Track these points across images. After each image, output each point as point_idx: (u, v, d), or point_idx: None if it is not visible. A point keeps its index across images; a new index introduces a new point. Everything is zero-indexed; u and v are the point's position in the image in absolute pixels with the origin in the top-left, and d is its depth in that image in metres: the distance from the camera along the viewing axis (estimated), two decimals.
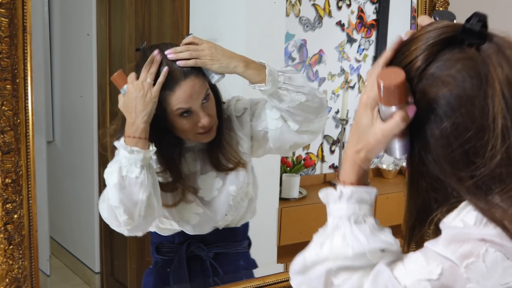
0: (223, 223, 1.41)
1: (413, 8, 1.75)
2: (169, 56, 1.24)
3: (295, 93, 1.28)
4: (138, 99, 1.19)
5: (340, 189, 0.81)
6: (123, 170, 1.19)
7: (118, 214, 1.22)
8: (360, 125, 0.79)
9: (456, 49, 0.73)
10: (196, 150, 1.36)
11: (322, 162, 1.97)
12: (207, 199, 1.36)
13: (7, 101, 1.09)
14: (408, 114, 0.74)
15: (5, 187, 1.11)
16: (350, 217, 0.79)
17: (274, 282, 1.47)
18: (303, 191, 1.88)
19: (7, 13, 1.06)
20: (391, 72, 0.74)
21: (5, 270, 1.12)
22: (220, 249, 1.43)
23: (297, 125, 1.32)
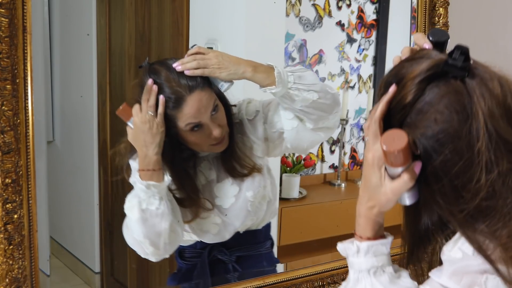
0: (243, 228, 1.41)
1: (413, 8, 1.75)
2: (177, 68, 1.21)
3: (306, 92, 1.26)
4: (146, 133, 1.18)
5: (357, 244, 0.85)
6: (142, 203, 1.20)
7: (144, 247, 1.24)
8: (370, 184, 0.82)
9: (441, 82, 0.74)
10: (210, 159, 1.36)
11: (322, 162, 1.97)
12: (225, 207, 1.36)
13: (7, 101, 1.09)
14: (415, 171, 0.76)
15: (5, 187, 1.11)
16: (369, 270, 0.84)
17: (274, 282, 1.47)
18: (303, 191, 1.88)
19: (7, 13, 1.06)
20: (394, 136, 0.76)
21: (5, 270, 1.12)
22: (243, 252, 1.44)
23: (312, 123, 1.31)
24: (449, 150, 0.72)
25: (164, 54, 1.65)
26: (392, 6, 2.00)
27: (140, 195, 1.20)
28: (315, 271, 1.53)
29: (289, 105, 1.28)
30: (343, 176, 1.99)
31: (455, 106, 0.72)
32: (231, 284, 1.43)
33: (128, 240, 1.27)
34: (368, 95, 2.01)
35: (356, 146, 2.04)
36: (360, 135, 2.04)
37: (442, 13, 1.68)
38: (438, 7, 1.67)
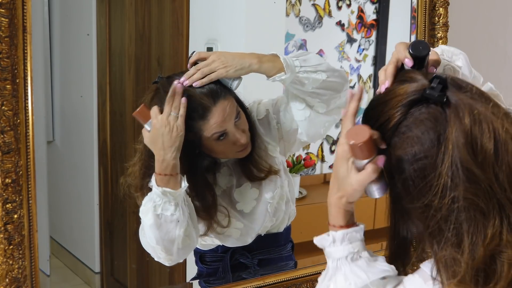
0: (264, 230, 1.40)
1: (413, 8, 1.76)
2: (184, 83, 1.19)
3: (314, 73, 1.26)
4: (165, 135, 1.15)
5: (332, 234, 0.90)
6: (157, 208, 1.18)
7: (158, 252, 1.22)
8: (338, 175, 0.90)
9: (423, 107, 0.79)
10: (230, 164, 1.36)
11: (322, 162, 1.97)
12: (246, 211, 1.35)
13: (7, 101, 1.09)
14: (378, 164, 0.83)
15: (5, 187, 1.11)
16: (347, 257, 0.88)
17: (274, 282, 1.47)
18: (303, 191, 1.87)
19: (7, 13, 1.06)
20: (358, 130, 0.83)
21: (5, 270, 1.12)
22: (264, 255, 1.43)
23: (325, 105, 1.31)
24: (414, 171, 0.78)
25: (164, 54, 1.65)
26: (392, 6, 2.00)
27: (156, 200, 1.18)
28: (315, 271, 1.53)
29: (300, 90, 1.27)
30: None
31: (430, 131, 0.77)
32: (231, 284, 1.43)
33: (143, 243, 1.25)
34: (368, 95, 2.01)
35: None
36: None
37: (442, 13, 1.68)
38: (438, 7, 1.68)
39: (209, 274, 1.43)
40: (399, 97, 0.82)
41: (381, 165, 0.82)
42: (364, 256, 0.88)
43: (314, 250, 0.92)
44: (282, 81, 1.26)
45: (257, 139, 1.35)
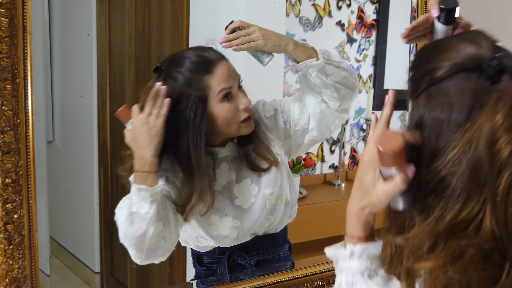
0: (261, 229, 1.40)
1: (413, 8, 1.76)
2: (222, 44, 1.26)
3: (337, 68, 1.32)
4: (144, 134, 1.18)
5: (350, 248, 0.85)
6: (133, 206, 1.19)
7: (127, 247, 1.22)
8: (363, 183, 0.84)
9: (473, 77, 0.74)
10: (230, 160, 1.35)
11: (322, 162, 1.97)
12: (245, 207, 1.35)
13: (7, 101, 1.09)
14: (408, 175, 0.77)
15: (5, 187, 1.11)
16: (363, 273, 0.84)
17: (274, 282, 1.47)
18: (303, 191, 1.88)
19: (7, 13, 1.06)
20: (391, 137, 0.77)
21: (5, 270, 1.12)
22: (262, 256, 1.43)
23: (338, 102, 1.35)
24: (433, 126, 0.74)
25: (164, 54, 1.65)
26: (392, 6, 2.00)
27: (133, 197, 1.19)
28: (315, 271, 1.53)
29: (323, 80, 1.31)
30: (343, 176, 2.00)
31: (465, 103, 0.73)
32: (231, 284, 1.43)
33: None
34: (368, 95, 2.01)
35: (356, 146, 2.04)
36: (360, 135, 2.04)
37: None
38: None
39: (207, 276, 1.43)
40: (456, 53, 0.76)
41: (411, 175, 0.77)
42: (380, 274, 0.84)
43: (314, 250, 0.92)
44: (310, 67, 1.30)
45: (260, 135, 1.36)
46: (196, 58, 1.25)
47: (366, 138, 2.05)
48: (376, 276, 0.84)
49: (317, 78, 1.31)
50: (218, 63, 1.24)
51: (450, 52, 0.77)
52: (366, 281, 0.83)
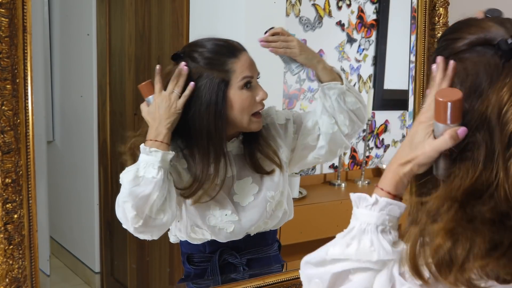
0: (256, 230, 1.41)
1: (413, 8, 1.76)
2: (261, 44, 1.36)
3: (355, 98, 1.41)
4: (163, 109, 1.23)
5: (376, 197, 0.85)
6: (140, 170, 1.20)
7: (126, 209, 1.20)
8: (413, 141, 0.84)
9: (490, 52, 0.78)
10: (232, 155, 1.36)
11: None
12: (243, 204, 1.36)
13: (7, 101, 1.09)
14: (459, 134, 0.78)
15: (5, 187, 1.11)
16: (378, 226, 0.84)
17: (274, 282, 1.47)
18: (303, 191, 1.88)
19: (7, 13, 1.06)
20: (449, 91, 0.79)
21: (5, 270, 1.12)
22: (252, 254, 1.43)
23: (347, 130, 1.41)
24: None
25: (164, 54, 1.65)
26: (392, 6, 2.00)
27: (141, 163, 1.20)
28: None
29: (340, 105, 1.38)
30: (343, 176, 2.00)
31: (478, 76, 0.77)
32: (231, 284, 1.43)
33: (117, 212, 1.24)
34: (368, 95, 2.01)
35: (356, 146, 2.04)
36: (360, 135, 2.04)
37: (442, 13, 1.68)
38: (438, 7, 1.67)
39: (197, 275, 1.42)
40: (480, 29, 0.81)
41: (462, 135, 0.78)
42: (393, 234, 0.85)
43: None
44: (333, 89, 1.38)
45: (270, 139, 1.40)
46: (221, 42, 1.31)
47: (366, 138, 2.05)
48: (389, 234, 0.84)
49: (335, 101, 1.38)
50: (242, 51, 1.31)
51: (476, 28, 0.81)
52: (378, 234, 0.84)
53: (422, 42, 1.67)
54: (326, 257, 0.86)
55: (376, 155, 2.07)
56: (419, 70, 1.70)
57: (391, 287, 0.80)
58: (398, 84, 2.06)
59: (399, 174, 0.84)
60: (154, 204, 1.20)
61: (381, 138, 2.08)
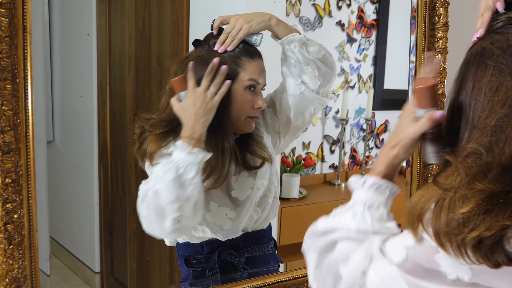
0: (250, 223, 1.41)
1: (413, 8, 1.75)
2: (219, 50, 1.29)
3: (318, 46, 1.37)
4: (199, 107, 1.21)
5: (365, 177, 0.92)
6: (180, 169, 1.18)
7: (170, 211, 1.17)
8: (399, 126, 0.93)
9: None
10: (231, 151, 1.36)
11: (322, 162, 1.97)
12: (241, 199, 1.36)
13: (7, 101, 1.09)
14: (435, 116, 0.86)
15: (5, 187, 1.11)
16: (365, 203, 0.90)
17: (274, 282, 1.47)
18: (303, 191, 1.88)
19: (7, 13, 1.06)
20: (425, 79, 0.91)
21: (5, 270, 1.12)
22: (250, 253, 1.43)
23: (319, 82, 1.39)
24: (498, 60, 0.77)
25: (164, 54, 1.65)
26: (392, 6, 2.00)
27: (178, 162, 1.18)
28: None
29: (304, 56, 1.36)
30: (343, 176, 2.00)
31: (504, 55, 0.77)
32: (231, 284, 1.43)
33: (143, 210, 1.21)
34: (368, 95, 2.01)
35: (356, 146, 2.04)
36: (360, 135, 2.04)
37: (442, 13, 1.67)
38: (438, 7, 1.67)
39: (196, 277, 1.41)
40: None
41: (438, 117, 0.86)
42: (380, 211, 0.90)
43: None
44: (293, 42, 1.34)
45: (255, 130, 1.39)
46: (243, 41, 1.31)
47: (366, 138, 2.05)
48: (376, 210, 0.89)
49: (299, 53, 1.36)
50: (258, 57, 1.33)
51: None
52: (363, 209, 0.89)
53: (422, 42, 1.67)
54: (317, 229, 0.93)
55: (376, 155, 2.07)
56: (419, 70, 1.70)
57: (369, 261, 0.82)
58: (398, 84, 2.06)
59: (389, 156, 0.92)
60: (196, 205, 1.20)
61: (381, 138, 2.08)
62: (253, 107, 1.32)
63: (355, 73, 1.97)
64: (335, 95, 1.95)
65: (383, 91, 2.05)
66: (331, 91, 1.48)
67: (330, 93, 1.47)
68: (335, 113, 1.96)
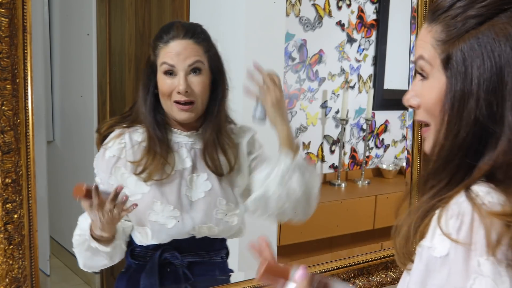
0: (200, 234, 1.37)
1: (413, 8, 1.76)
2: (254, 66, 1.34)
3: (300, 186, 1.35)
4: (105, 222, 1.23)
5: None
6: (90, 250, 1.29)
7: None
8: None
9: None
10: (188, 147, 1.36)
11: (322, 162, 1.97)
12: (192, 199, 1.34)
13: (7, 101, 1.08)
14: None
15: (5, 187, 1.10)
16: None
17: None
18: None
19: (7, 13, 1.06)
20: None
21: (5, 270, 1.12)
22: (195, 258, 1.39)
23: (256, 210, 1.39)
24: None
25: None
26: (392, 6, 2.00)
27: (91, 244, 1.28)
28: (315, 271, 1.53)
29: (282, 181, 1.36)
30: (343, 176, 2.00)
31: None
32: (230, 284, 1.43)
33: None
34: (368, 95, 2.01)
35: (356, 146, 2.04)
36: (360, 135, 2.04)
37: None
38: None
39: (136, 270, 1.38)
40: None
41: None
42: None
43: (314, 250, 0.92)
44: (283, 159, 1.35)
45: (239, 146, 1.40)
46: (165, 27, 1.32)
47: (366, 138, 2.05)
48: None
49: (281, 177, 1.35)
50: (176, 39, 1.29)
51: None
52: None
53: None
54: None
55: (376, 155, 2.07)
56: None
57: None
58: (398, 84, 2.06)
59: None
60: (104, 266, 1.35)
61: (381, 138, 2.09)
62: (174, 94, 1.29)
63: (355, 73, 1.97)
64: (335, 95, 1.95)
65: (383, 91, 2.05)
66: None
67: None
68: (335, 113, 1.96)
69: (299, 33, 1.82)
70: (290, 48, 1.81)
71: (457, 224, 0.70)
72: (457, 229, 0.70)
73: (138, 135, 1.34)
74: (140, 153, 1.32)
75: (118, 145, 1.33)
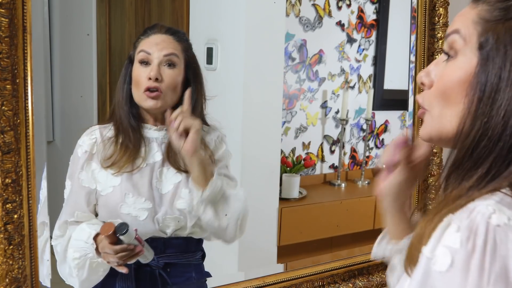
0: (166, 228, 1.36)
1: (413, 8, 1.76)
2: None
3: (216, 217, 1.34)
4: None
5: None
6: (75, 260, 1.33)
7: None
8: None
9: None
10: (159, 142, 1.37)
11: (322, 162, 1.97)
12: (162, 192, 1.35)
13: (7, 101, 1.08)
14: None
15: (5, 187, 1.10)
16: None
17: (274, 282, 1.47)
18: (303, 191, 1.88)
19: (7, 13, 1.06)
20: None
21: (5, 270, 1.12)
22: (171, 259, 1.39)
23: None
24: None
25: None
26: (392, 6, 2.00)
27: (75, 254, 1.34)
28: (315, 271, 1.53)
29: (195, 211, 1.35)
30: (343, 176, 2.00)
31: None
32: (230, 284, 1.43)
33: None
34: (368, 95, 2.01)
35: (356, 146, 2.04)
36: (360, 135, 2.04)
37: (442, 13, 1.68)
38: (438, 7, 1.67)
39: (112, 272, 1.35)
40: None
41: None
42: None
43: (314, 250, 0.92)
44: (194, 194, 1.34)
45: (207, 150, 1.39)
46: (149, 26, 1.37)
47: (366, 138, 2.05)
48: None
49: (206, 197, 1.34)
50: (158, 33, 1.34)
51: None
52: None
53: (422, 42, 1.67)
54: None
55: (376, 155, 2.07)
56: (419, 70, 1.70)
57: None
58: (398, 84, 2.06)
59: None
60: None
61: (381, 138, 2.09)
62: (145, 81, 1.31)
63: (355, 73, 1.97)
64: (335, 95, 1.95)
65: (383, 91, 2.05)
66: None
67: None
68: (335, 113, 1.96)
69: (299, 33, 1.82)
70: (290, 48, 1.81)
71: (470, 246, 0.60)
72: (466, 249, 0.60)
73: (108, 131, 1.36)
74: (111, 147, 1.34)
75: (89, 141, 1.36)
